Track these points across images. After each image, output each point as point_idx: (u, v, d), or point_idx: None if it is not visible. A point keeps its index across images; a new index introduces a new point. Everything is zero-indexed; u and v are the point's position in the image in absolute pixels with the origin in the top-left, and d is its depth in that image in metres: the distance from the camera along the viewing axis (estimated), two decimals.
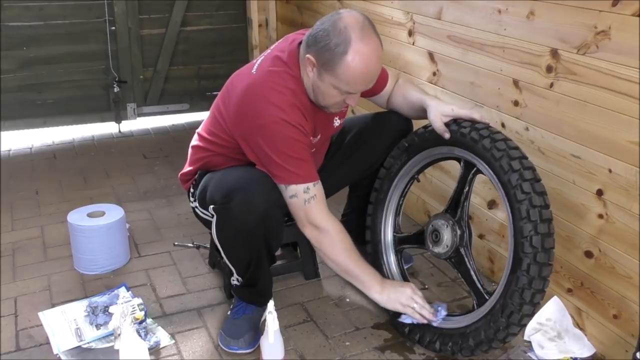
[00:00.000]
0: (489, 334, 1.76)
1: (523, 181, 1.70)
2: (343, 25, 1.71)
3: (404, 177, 2.11)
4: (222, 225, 1.86)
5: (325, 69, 1.75)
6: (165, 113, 4.18)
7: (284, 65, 1.84)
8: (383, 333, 2.06)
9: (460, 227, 1.94)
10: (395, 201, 2.16)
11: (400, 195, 2.15)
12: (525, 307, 1.70)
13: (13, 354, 1.95)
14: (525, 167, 1.73)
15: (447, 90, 2.44)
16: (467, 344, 1.82)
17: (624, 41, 1.66)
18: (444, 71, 2.45)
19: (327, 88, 1.79)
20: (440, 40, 2.42)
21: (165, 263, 2.49)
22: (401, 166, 2.09)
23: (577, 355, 1.90)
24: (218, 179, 1.90)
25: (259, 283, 1.98)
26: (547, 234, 1.68)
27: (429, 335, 1.92)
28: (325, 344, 2.00)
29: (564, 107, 1.90)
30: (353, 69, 1.72)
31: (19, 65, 3.71)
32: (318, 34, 1.75)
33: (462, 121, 1.87)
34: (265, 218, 1.80)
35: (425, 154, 2.03)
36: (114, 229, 2.40)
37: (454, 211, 1.96)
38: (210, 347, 1.99)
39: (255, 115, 1.78)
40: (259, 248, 1.88)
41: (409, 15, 2.61)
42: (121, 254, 2.46)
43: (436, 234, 1.98)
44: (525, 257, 1.68)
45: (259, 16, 3.98)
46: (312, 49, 1.76)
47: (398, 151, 2.09)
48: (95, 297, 2.19)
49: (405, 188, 2.15)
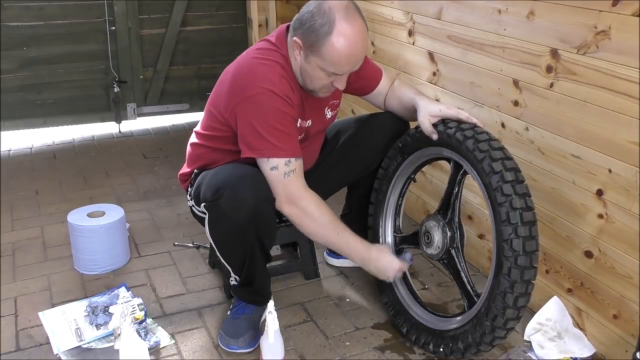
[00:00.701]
0: (476, 338, 1.76)
1: (504, 183, 1.69)
2: (327, 7, 1.73)
3: (401, 177, 2.11)
4: (214, 223, 1.88)
5: (311, 51, 1.77)
6: (165, 113, 4.18)
7: (272, 45, 1.89)
8: (383, 333, 2.06)
9: (450, 228, 1.93)
10: (394, 201, 2.16)
11: (399, 195, 2.15)
12: (508, 310, 1.69)
13: (13, 354, 1.95)
14: (507, 168, 1.71)
15: (447, 90, 2.44)
16: (456, 346, 1.82)
17: (624, 41, 1.66)
18: (444, 71, 2.45)
19: (314, 70, 1.80)
20: (440, 40, 2.42)
21: (165, 263, 2.49)
22: (397, 167, 2.09)
23: (577, 355, 1.90)
24: (210, 177, 1.91)
25: (255, 281, 1.98)
26: (529, 237, 1.66)
27: (424, 337, 1.93)
28: (325, 344, 2.00)
29: (564, 107, 1.90)
30: (338, 49, 1.74)
31: (19, 65, 3.71)
32: (303, 17, 1.78)
33: (449, 121, 1.87)
34: (256, 213, 1.80)
35: (418, 154, 2.02)
36: (114, 229, 2.40)
37: (445, 212, 1.96)
38: (210, 347, 1.99)
39: (244, 88, 1.81)
40: (251, 245, 1.88)
41: (409, 15, 2.61)
42: (121, 254, 2.46)
43: (428, 235, 1.97)
44: (506, 261, 1.67)
45: (259, 16, 3.97)
46: (298, 31, 1.79)
47: (393, 152, 2.09)
48: (95, 297, 2.19)
49: (403, 188, 2.15)
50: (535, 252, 1.68)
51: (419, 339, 1.94)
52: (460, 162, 1.86)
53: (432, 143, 1.92)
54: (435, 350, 1.89)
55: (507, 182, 1.69)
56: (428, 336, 1.92)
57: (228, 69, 1.94)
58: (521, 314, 1.72)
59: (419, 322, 1.98)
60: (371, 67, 2.13)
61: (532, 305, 2.15)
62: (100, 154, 3.67)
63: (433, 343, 1.89)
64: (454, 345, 1.82)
